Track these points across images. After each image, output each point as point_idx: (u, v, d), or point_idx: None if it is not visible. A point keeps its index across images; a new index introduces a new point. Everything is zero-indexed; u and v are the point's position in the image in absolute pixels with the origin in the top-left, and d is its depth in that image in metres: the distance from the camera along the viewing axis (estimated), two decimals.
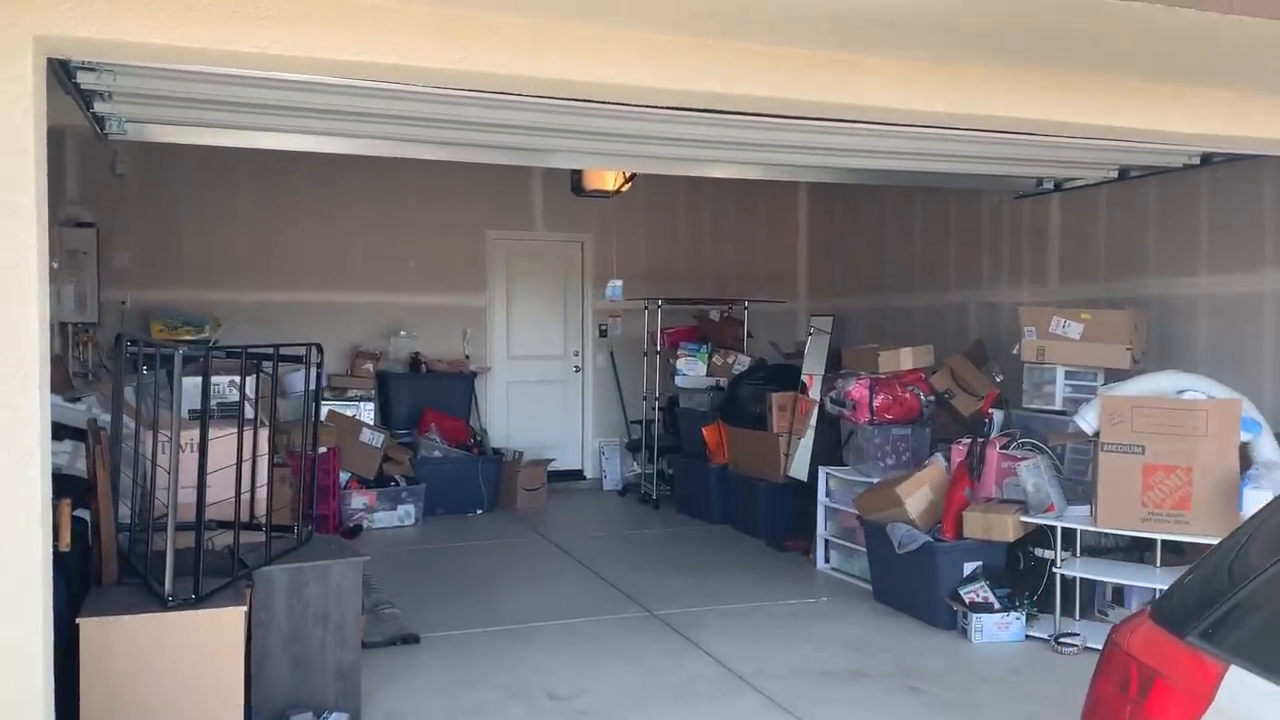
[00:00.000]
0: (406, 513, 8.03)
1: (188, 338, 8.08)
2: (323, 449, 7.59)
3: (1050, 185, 6.67)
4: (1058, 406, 5.96)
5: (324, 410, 8.24)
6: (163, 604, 3.29)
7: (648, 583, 6.23)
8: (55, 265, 7.59)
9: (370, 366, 8.74)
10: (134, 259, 8.39)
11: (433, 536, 7.66)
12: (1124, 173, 6.23)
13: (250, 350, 3.92)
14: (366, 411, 8.50)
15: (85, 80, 3.85)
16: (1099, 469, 5.00)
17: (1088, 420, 5.09)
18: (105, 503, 3.56)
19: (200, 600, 3.33)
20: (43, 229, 2.60)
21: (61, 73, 3.73)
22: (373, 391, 8.66)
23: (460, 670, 4.69)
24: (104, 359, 7.79)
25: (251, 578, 3.75)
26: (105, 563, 3.57)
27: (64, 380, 6.91)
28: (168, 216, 8.49)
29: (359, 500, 7.88)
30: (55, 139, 8.03)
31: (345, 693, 3.94)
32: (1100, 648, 4.86)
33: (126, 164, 8.26)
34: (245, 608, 3.38)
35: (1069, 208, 7.08)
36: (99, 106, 4.34)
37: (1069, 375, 5.98)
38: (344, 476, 7.91)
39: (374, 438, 8.10)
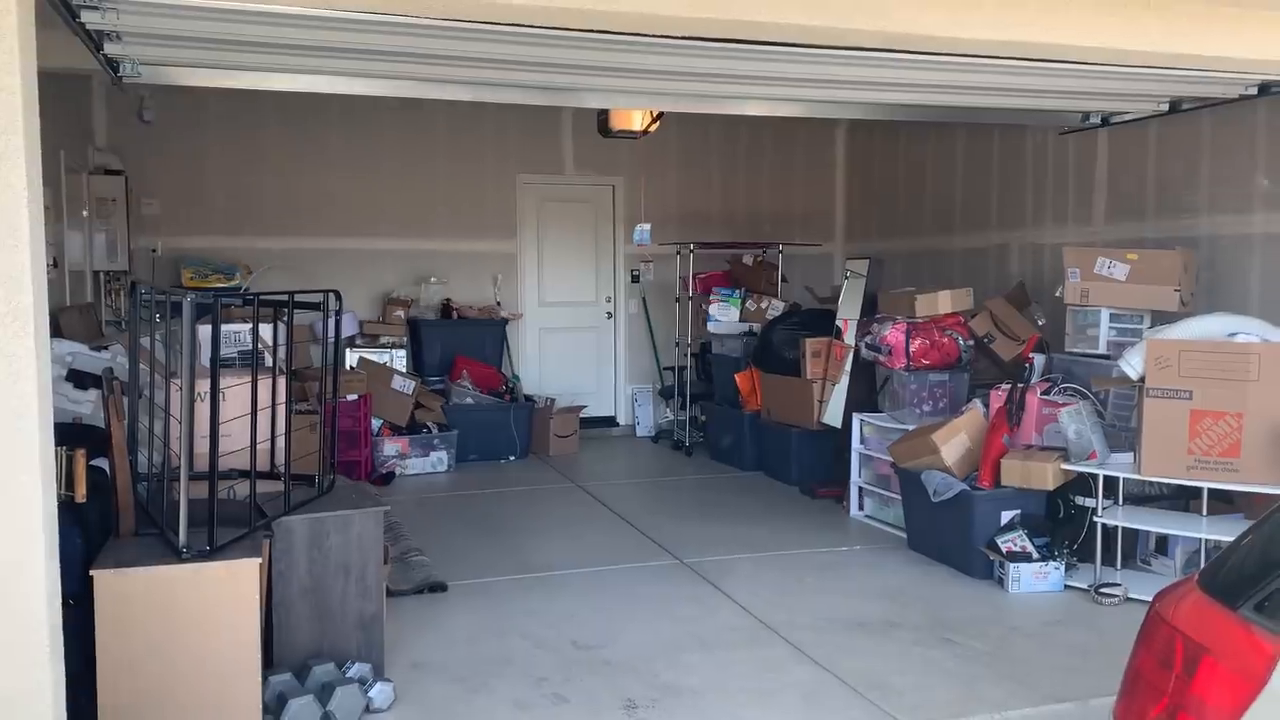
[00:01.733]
0: (439, 459, 8.01)
1: (218, 285, 8.07)
2: (354, 396, 7.59)
3: (1097, 120, 6.37)
4: (1101, 350, 5.75)
5: (355, 357, 8.26)
6: (177, 555, 3.25)
7: (679, 530, 6.16)
8: (85, 213, 7.61)
9: (402, 313, 8.70)
10: (164, 207, 8.37)
11: (465, 483, 7.64)
12: (1175, 105, 5.93)
13: (265, 297, 3.83)
14: (399, 359, 8.47)
15: (90, 20, 3.75)
16: (1144, 415, 4.81)
17: (1133, 365, 4.89)
18: (120, 453, 3.52)
19: (215, 552, 3.28)
20: (35, 171, 2.51)
21: (65, 12, 3.62)
22: (404, 338, 8.63)
23: (487, 619, 4.65)
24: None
25: (270, 528, 3.71)
26: (122, 514, 3.53)
27: (94, 329, 6.92)
28: (196, 163, 8.43)
29: (391, 447, 7.86)
30: (81, 85, 7.99)
31: (368, 643, 3.91)
32: (1144, 599, 4.71)
33: (154, 110, 8.19)
34: (261, 559, 3.33)
35: (1116, 143, 6.79)
36: (110, 48, 4.24)
37: (1114, 318, 5.77)
38: (376, 423, 7.90)
39: (406, 385, 8.07)
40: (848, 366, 6.98)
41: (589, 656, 4.22)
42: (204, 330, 4.85)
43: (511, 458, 8.41)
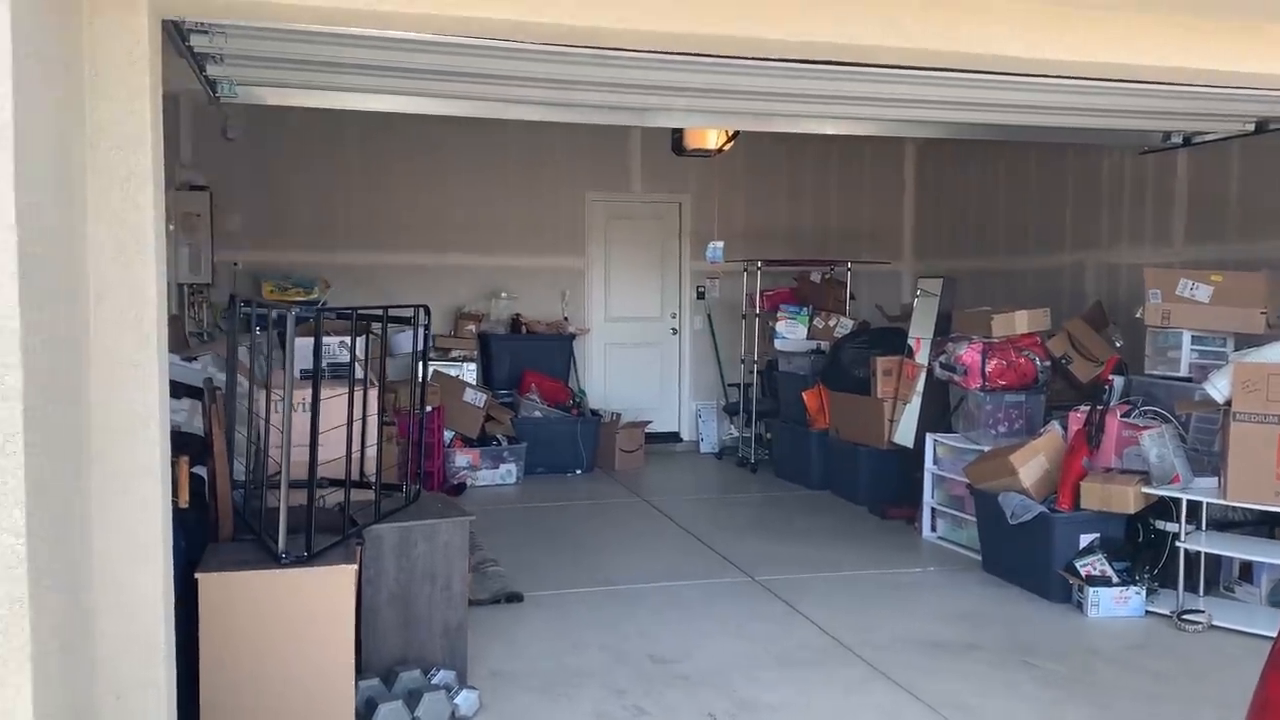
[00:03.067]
0: (508, 471, 8.11)
1: (297, 299, 8.27)
2: (428, 408, 7.71)
3: (1179, 140, 6.29)
4: (1183, 373, 5.66)
5: (429, 371, 8.39)
6: (276, 560, 3.35)
7: (748, 547, 6.17)
8: (171, 228, 7.86)
9: (473, 328, 8.84)
10: (245, 221, 8.60)
11: (533, 495, 7.72)
12: (1261, 125, 5.83)
13: (360, 311, 3.94)
14: (469, 372, 8.61)
15: (198, 43, 3.89)
16: (1230, 439, 4.73)
17: (1218, 388, 4.81)
18: (220, 461, 3.64)
19: (312, 558, 3.38)
20: (159, 190, 2.63)
21: (176, 35, 3.77)
22: (475, 352, 8.77)
23: (563, 630, 4.71)
24: (218, 319, 8.03)
25: (362, 536, 3.80)
26: (222, 519, 3.65)
27: (180, 340, 7.14)
28: (277, 180, 8.66)
29: (462, 459, 7.98)
30: (170, 104, 8.25)
31: (452, 650, 3.98)
32: (1229, 626, 4.62)
33: (237, 128, 8.44)
34: (355, 566, 3.42)
35: (1198, 163, 6.69)
36: (211, 70, 4.39)
37: (1196, 340, 5.67)
38: (448, 435, 8.02)
39: (477, 397, 8.19)
40: (920, 386, 6.95)
41: (666, 670, 4.25)
42: (301, 343, 5.00)
43: (578, 471, 8.49)
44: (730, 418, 9.43)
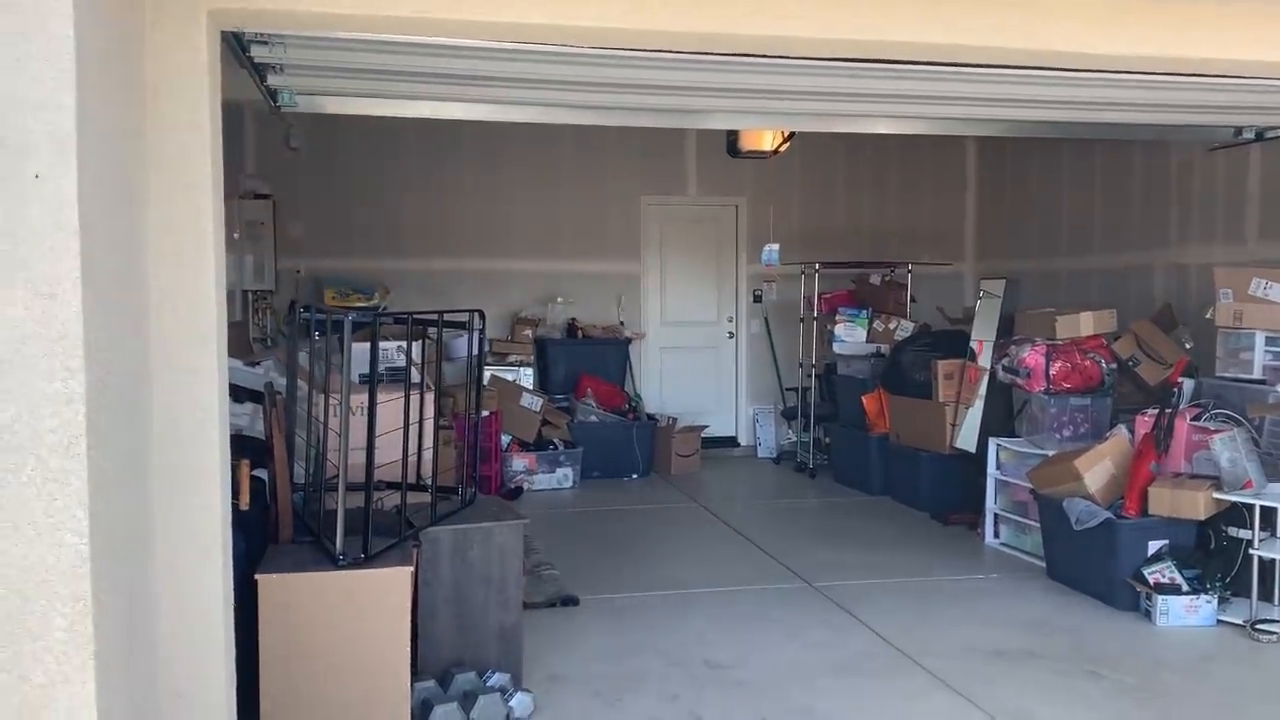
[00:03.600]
0: (564, 475, 8.13)
1: (358, 305, 8.39)
2: (485, 412, 7.78)
3: (1250, 135, 6.10)
4: (1256, 375, 5.49)
5: (486, 375, 8.46)
6: (334, 562, 3.39)
7: (806, 553, 6.11)
8: (236, 236, 8.02)
9: (529, 333, 8.89)
10: (307, 229, 8.76)
11: (590, 499, 7.74)
12: None
13: (416, 316, 3.98)
14: (526, 376, 8.66)
15: (258, 54, 3.96)
16: None
17: None
18: (281, 464, 3.70)
19: (369, 560, 3.41)
20: (218, 199, 2.68)
21: (236, 46, 3.85)
22: (531, 357, 8.82)
23: (619, 635, 4.70)
24: (281, 325, 8.17)
25: (418, 538, 3.83)
26: (282, 522, 3.71)
27: (244, 345, 7.28)
28: (338, 188, 8.80)
29: (519, 463, 8.02)
30: (234, 114, 8.43)
31: (507, 653, 4.00)
32: None
33: (300, 137, 8.59)
34: (411, 568, 3.45)
35: (1271, 158, 6.49)
36: (272, 80, 4.47)
37: (1270, 341, 5.49)
38: (505, 439, 8.07)
39: (533, 402, 8.23)
40: (982, 389, 6.82)
41: (722, 676, 4.22)
42: (359, 347, 5.07)
43: (634, 476, 8.48)
44: (788, 422, 9.36)
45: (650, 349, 9.51)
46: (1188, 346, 6.24)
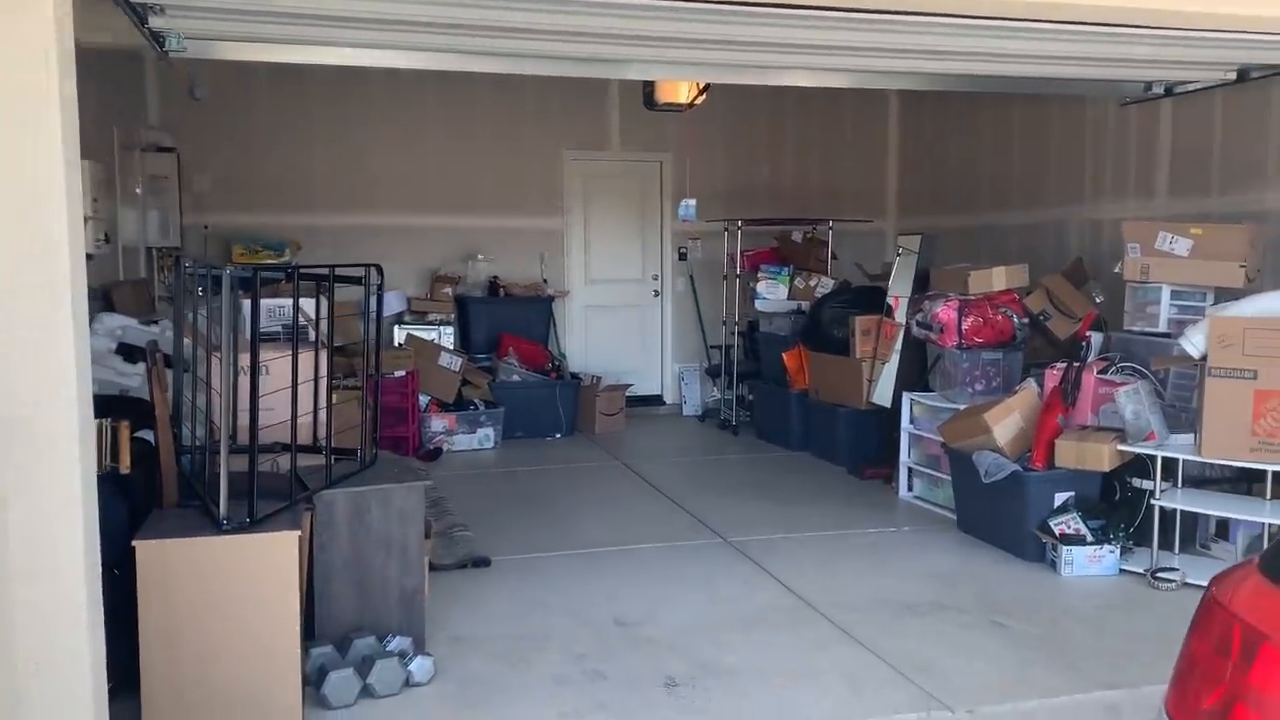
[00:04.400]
0: (485, 436, 8.02)
1: (267, 261, 8.14)
2: (401, 372, 7.63)
3: (1161, 90, 6.15)
4: (1162, 329, 5.56)
5: (403, 334, 8.30)
6: (218, 527, 3.26)
7: (723, 509, 6.10)
8: (138, 191, 7.71)
9: (449, 290, 8.72)
10: (214, 183, 8.46)
11: (511, 460, 7.65)
12: (1243, 74, 5.70)
13: (305, 270, 3.82)
14: (446, 335, 8.50)
15: None
16: (1206, 395, 4.65)
17: (1194, 343, 4.72)
18: (163, 425, 3.54)
19: (254, 524, 3.29)
20: (71, 146, 2.50)
21: None
22: (451, 315, 8.66)
23: (528, 595, 4.64)
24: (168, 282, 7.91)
25: (312, 501, 3.71)
26: (166, 485, 3.56)
27: (147, 303, 7.02)
28: (246, 141, 8.50)
29: (438, 423, 7.89)
30: (134, 64, 8.07)
31: (409, 617, 3.90)
32: (1204, 584, 4.58)
33: (204, 88, 8.26)
34: (300, 532, 3.33)
35: (1180, 115, 6.55)
36: (154, 21, 4.25)
37: (1175, 295, 5.57)
38: (424, 400, 7.93)
39: (452, 361, 8.09)
40: (898, 345, 6.85)
41: (630, 634, 4.18)
42: (248, 304, 4.89)
43: (557, 435, 8.40)
44: (713, 380, 9.34)
45: (574, 307, 9.39)
46: (1098, 301, 6.31)
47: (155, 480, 3.69)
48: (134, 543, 3.15)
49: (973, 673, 3.81)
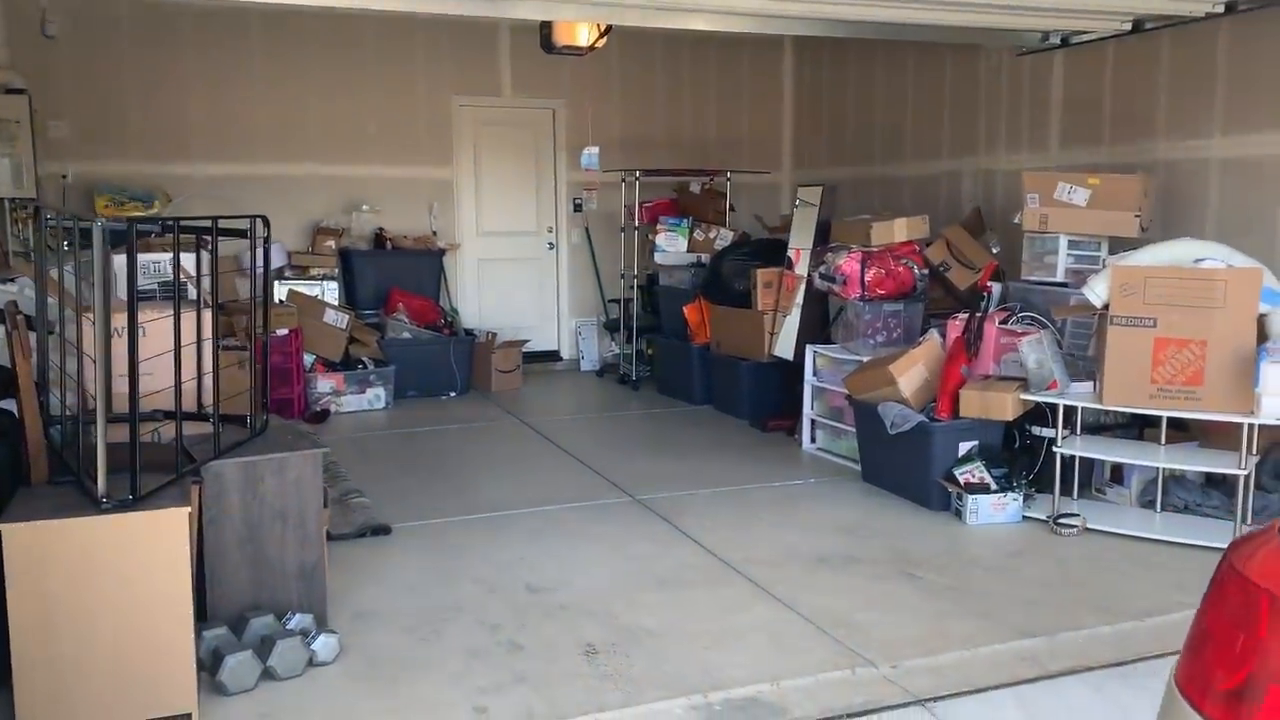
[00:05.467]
0: (376, 396, 7.72)
1: (135, 214, 7.60)
2: (284, 331, 7.25)
3: (1057, 40, 6.20)
4: (1059, 278, 5.65)
5: (284, 290, 7.89)
6: (96, 505, 2.97)
7: (629, 466, 5.99)
8: None
9: (332, 244, 8.32)
10: (73, 129, 7.84)
11: (404, 420, 7.38)
12: (1138, 25, 5.78)
13: (185, 223, 3.50)
14: (330, 291, 8.13)
15: None
16: (1107, 344, 4.72)
17: (1096, 292, 4.78)
18: (27, 394, 3.20)
19: (138, 501, 3.00)
20: None
21: None
22: (336, 270, 8.28)
23: (434, 563, 4.45)
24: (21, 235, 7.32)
25: (200, 473, 3.43)
26: (33, 460, 3.23)
27: (0, 260, 6.47)
28: (108, 82, 7.88)
29: (325, 384, 7.55)
30: None
31: (309, 593, 3.68)
32: (1103, 529, 4.67)
33: (57, 24, 7.61)
34: (189, 508, 3.06)
35: (1074, 66, 6.63)
36: None
37: (1072, 245, 5.65)
38: (308, 359, 7.56)
39: (338, 318, 7.73)
40: (799, 298, 6.82)
41: (544, 600, 4.04)
42: (119, 260, 4.50)
43: (452, 394, 8.15)
44: (611, 334, 9.20)
45: (466, 260, 9.09)
46: (995, 251, 6.38)
47: (21, 456, 3.36)
48: None
49: (891, 626, 3.80)
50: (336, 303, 8.04)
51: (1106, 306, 4.74)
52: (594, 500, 5.38)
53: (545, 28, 6.66)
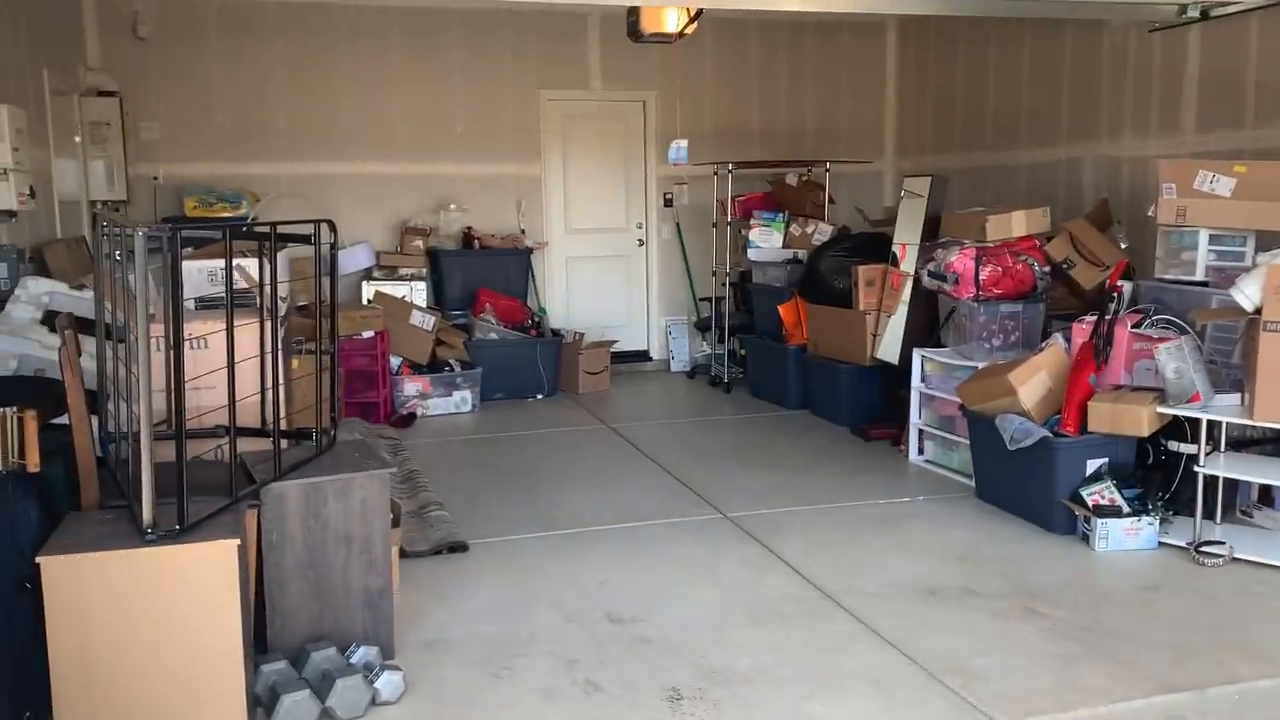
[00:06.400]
0: (462, 399, 7.52)
1: (223, 215, 7.56)
2: (370, 333, 7.10)
3: (1195, 13, 5.61)
4: (1198, 277, 5.09)
5: (371, 290, 7.77)
6: (141, 536, 2.76)
7: (720, 478, 5.64)
8: (77, 139, 7.08)
9: (420, 243, 8.15)
10: (164, 131, 7.84)
11: (489, 425, 7.16)
12: None
13: (239, 228, 3.28)
14: (418, 291, 7.97)
15: None
16: (1260, 352, 4.18)
17: (1247, 294, 4.24)
18: (77, 413, 3.01)
19: (185, 531, 2.79)
20: None
21: None
22: (423, 270, 8.10)
23: (511, 586, 4.17)
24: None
25: (259, 495, 3.21)
26: (83, 484, 3.05)
27: (86, 265, 6.43)
28: (197, 84, 7.85)
29: (411, 387, 7.38)
30: (69, 1, 7.36)
31: (375, 622, 3.43)
32: (1252, 559, 4.12)
33: (149, 26, 7.61)
34: (239, 541, 2.83)
35: (1211, 40, 6.02)
36: None
37: (1213, 240, 5.09)
38: (395, 362, 7.41)
39: (425, 320, 7.56)
40: (905, 296, 6.36)
41: (625, 632, 3.72)
42: (191, 266, 4.34)
43: (539, 396, 7.91)
44: (702, 334, 8.85)
45: (554, 259, 8.84)
46: (1123, 246, 5.83)
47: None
48: (38, 559, 2.65)
49: (1014, 674, 3.37)
50: (424, 303, 7.88)
51: (1259, 310, 4.20)
52: (683, 517, 5.05)
53: (633, 15, 6.33)
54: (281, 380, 3.58)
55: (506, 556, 4.52)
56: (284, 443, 3.41)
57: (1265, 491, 4.78)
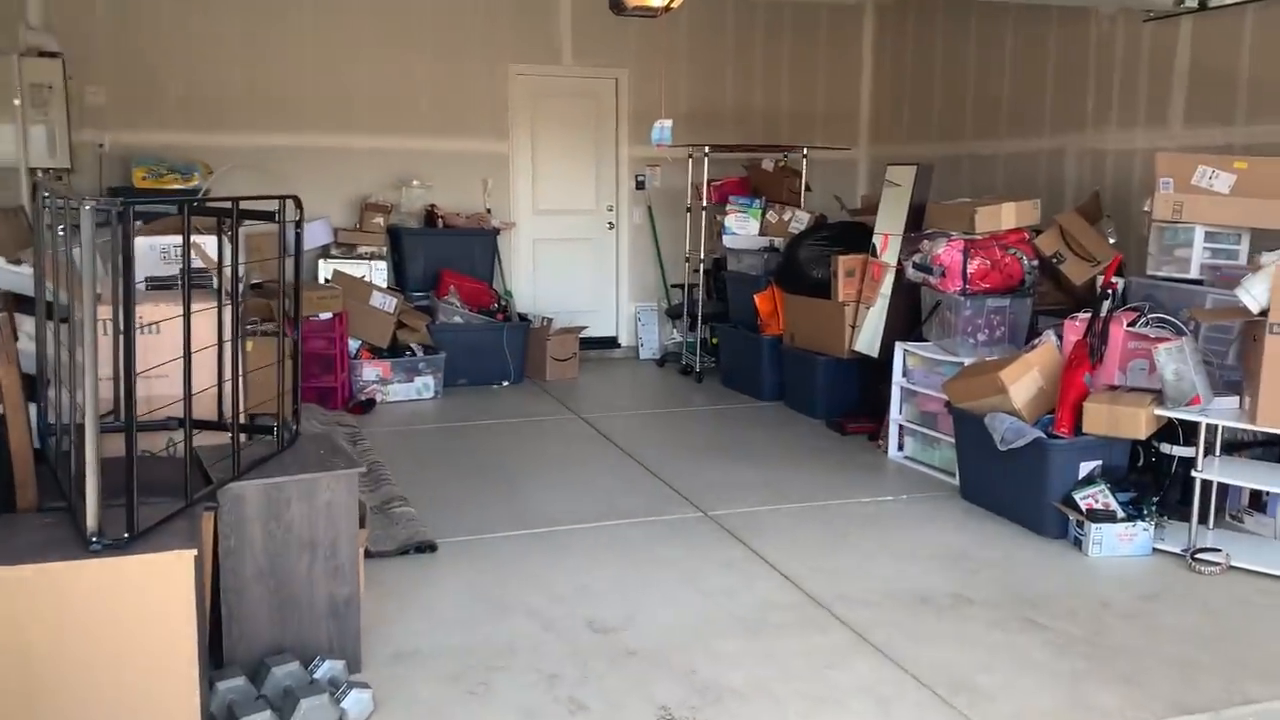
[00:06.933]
0: (424, 385, 7.23)
1: (174, 186, 7.18)
2: (328, 314, 6.79)
3: (1193, 3, 5.47)
4: (1193, 275, 4.97)
5: (329, 269, 7.45)
6: (85, 546, 2.48)
7: (697, 472, 5.44)
8: (17, 102, 6.66)
9: (380, 220, 7.83)
10: (111, 96, 7.42)
11: (453, 412, 6.88)
12: None
13: (196, 203, 2.99)
14: (378, 271, 7.65)
15: None
16: (1265, 356, 4.06)
17: (1254, 294, 4.11)
18: (12, 406, 2.72)
19: (135, 540, 2.51)
20: None
21: None
22: (384, 249, 7.79)
23: (484, 590, 3.93)
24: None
25: (215, 498, 2.94)
26: (19, 485, 2.75)
27: (25, 237, 6.04)
28: (147, 46, 7.44)
29: (371, 371, 7.08)
30: None
31: (340, 632, 3.18)
32: (1249, 567, 3.99)
33: None
34: (195, 551, 2.56)
35: (1204, 32, 5.90)
36: None
37: (1209, 237, 4.96)
38: (354, 345, 7.10)
39: (386, 302, 7.25)
40: (886, 289, 6.18)
41: (608, 643, 3.50)
42: (143, 243, 4.02)
43: (505, 383, 7.65)
44: (672, 322, 8.63)
45: (521, 240, 8.56)
46: (1111, 241, 5.70)
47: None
48: None
49: (1020, 691, 3.21)
50: (384, 284, 7.56)
51: (1264, 312, 4.07)
52: (661, 515, 4.84)
53: None
54: (241, 370, 3.30)
55: (477, 557, 4.27)
56: (243, 437, 3.13)
57: (1255, 496, 4.68)
